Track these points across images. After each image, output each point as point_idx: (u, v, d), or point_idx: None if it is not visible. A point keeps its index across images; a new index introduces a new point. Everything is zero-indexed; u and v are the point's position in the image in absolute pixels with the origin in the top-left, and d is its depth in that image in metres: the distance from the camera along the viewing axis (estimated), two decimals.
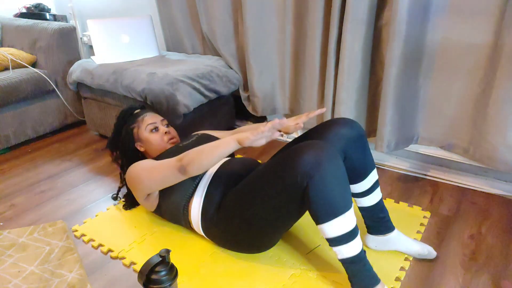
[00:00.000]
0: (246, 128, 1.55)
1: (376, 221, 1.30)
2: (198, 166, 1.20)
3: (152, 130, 1.52)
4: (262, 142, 1.14)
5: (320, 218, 1.06)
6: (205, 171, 1.36)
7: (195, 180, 1.34)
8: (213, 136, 1.55)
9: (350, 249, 1.08)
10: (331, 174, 1.04)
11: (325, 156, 1.05)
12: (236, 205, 1.21)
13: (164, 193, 1.37)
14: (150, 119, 1.54)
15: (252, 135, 1.13)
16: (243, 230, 1.23)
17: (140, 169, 1.36)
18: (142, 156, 1.57)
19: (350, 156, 1.23)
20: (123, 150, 1.55)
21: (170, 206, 1.38)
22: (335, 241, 1.08)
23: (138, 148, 1.55)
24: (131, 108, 1.62)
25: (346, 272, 1.12)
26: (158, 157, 1.43)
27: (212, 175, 1.34)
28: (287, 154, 1.11)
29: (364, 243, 1.35)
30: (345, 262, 1.10)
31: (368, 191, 1.27)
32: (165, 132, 1.53)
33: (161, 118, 1.58)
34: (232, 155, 1.54)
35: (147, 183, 1.33)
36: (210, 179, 1.33)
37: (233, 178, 1.29)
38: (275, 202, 1.12)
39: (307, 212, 1.14)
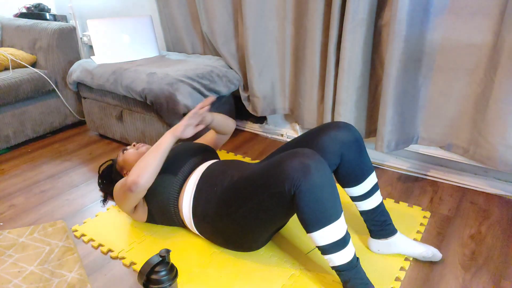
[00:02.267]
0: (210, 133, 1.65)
1: (378, 225, 1.29)
2: (147, 175, 1.25)
3: (123, 152, 1.55)
4: (190, 131, 1.32)
5: (309, 227, 1.06)
6: (192, 171, 1.38)
7: (178, 177, 1.35)
8: (195, 144, 1.56)
9: (341, 257, 1.08)
10: (318, 182, 1.03)
11: (312, 164, 1.04)
12: (226, 206, 1.21)
13: (151, 198, 1.38)
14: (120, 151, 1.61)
15: (183, 121, 1.31)
16: (233, 230, 1.23)
17: (115, 194, 1.39)
18: None
19: (346, 160, 1.23)
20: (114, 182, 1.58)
21: (159, 208, 1.38)
22: (325, 250, 1.08)
23: (124, 175, 1.56)
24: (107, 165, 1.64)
25: (339, 279, 1.12)
26: None
27: (202, 173, 1.35)
28: (274, 161, 1.11)
29: (367, 247, 1.35)
30: (337, 269, 1.10)
31: (367, 194, 1.26)
32: (133, 145, 1.56)
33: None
34: (218, 158, 1.54)
35: (120, 204, 1.37)
36: (199, 177, 1.34)
37: (220, 176, 1.30)
38: (263, 206, 1.12)
39: None
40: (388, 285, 1.20)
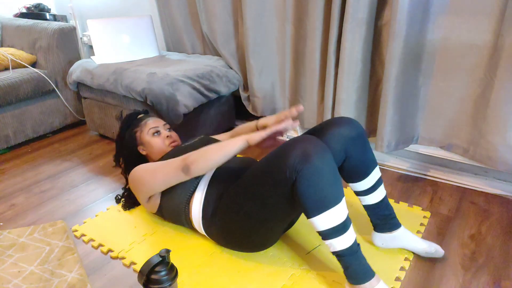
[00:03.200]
0: (242, 127, 1.54)
1: (382, 219, 1.29)
2: (202, 166, 1.22)
3: (154, 134, 1.54)
4: (265, 142, 1.21)
5: (309, 212, 1.06)
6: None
7: (197, 179, 1.35)
8: (214, 139, 1.55)
9: (342, 242, 1.07)
10: (319, 167, 1.03)
11: (312, 149, 1.04)
12: (232, 204, 1.21)
13: (166, 193, 1.38)
14: (152, 123, 1.56)
15: (263, 133, 1.18)
16: (241, 228, 1.23)
17: (143, 171, 1.37)
18: (144, 159, 1.58)
19: (350, 155, 1.23)
20: (126, 153, 1.57)
21: (171, 205, 1.38)
22: (326, 235, 1.08)
23: (140, 151, 1.57)
24: (136, 113, 1.64)
25: (340, 264, 1.12)
26: (159, 160, 1.44)
27: (212, 174, 1.34)
28: (276, 150, 1.12)
29: (370, 241, 1.35)
30: (338, 255, 1.10)
31: (371, 189, 1.26)
32: (167, 136, 1.55)
33: (164, 122, 1.60)
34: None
35: (150, 185, 1.35)
36: (210, 178, 1.33)
37: (232, 176, 1.30)
38: (267, 199, 1.12)
39: None
40: (388, 285, 1.20)
